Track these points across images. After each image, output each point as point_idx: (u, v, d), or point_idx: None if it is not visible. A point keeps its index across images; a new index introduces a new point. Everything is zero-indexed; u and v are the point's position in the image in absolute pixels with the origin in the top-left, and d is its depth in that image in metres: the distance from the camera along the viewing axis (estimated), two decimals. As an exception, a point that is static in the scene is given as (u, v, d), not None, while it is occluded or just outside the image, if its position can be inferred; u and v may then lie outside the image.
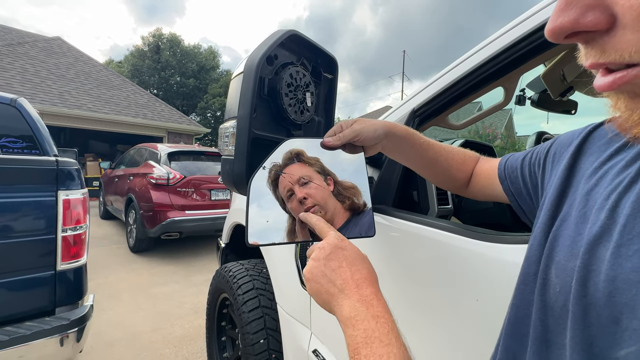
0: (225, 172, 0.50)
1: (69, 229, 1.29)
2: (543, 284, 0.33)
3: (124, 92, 10.04)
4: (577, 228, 0.31)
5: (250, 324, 1.34)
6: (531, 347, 0.32)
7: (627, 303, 0.25)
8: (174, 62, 32.75)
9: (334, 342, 0.96)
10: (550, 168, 0.41)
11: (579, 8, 0.21)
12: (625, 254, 0.26)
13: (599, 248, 0.28)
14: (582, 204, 0.32)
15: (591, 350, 0.26)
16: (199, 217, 4.08)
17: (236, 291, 1.46)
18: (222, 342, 1.82)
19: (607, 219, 0.29)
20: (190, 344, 2.26)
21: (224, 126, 0.50)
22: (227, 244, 2.05)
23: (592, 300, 0.27)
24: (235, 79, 0.50)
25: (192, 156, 4.51)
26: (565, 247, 0.31)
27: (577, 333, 0.27)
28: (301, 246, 1.12)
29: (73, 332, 1.24)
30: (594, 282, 0.27)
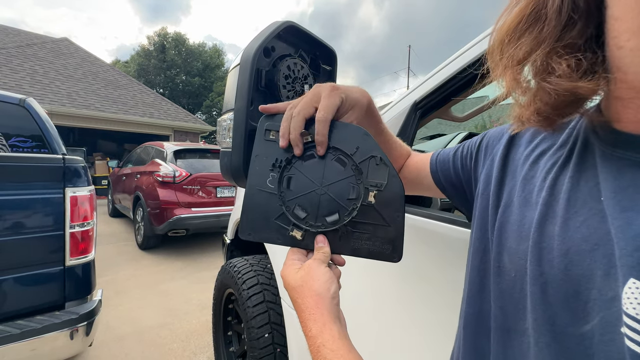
0: (224, 165, 0.50)
1: (77, 225, 1.31)
2: (497, 273, 0.33)
3: (131, 92, 10.15)
4: (521, 212, 0.32)
5: (255, 319, 1.35)
6: (494, 337, 0.32)
7: (583, 274, 0.25)
8: (179, 61, 32.98)
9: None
10: (483, 159, 0.42)
11: None
12: (574, 226, 0.26)
13: (546, 226, 0.28)
14: (522, 189, 0.33)
15: (554, 329, 0.26)
16: (205, 215, 4.11)
17: (241, 286, 1.47)
18: (228, 336, 1.85)
19: (548, 196, 0.30)
20: (197, 339, 2.29)
21: (222, 119, 0.51)
22: (232, 240, 2.07)
23: (548, 278, 0.27)
24: (232, 71, 0.50)
25: (198, 154, 4.54)
26: (513, 232, 0.32)
27: (539, 314, 0.27)
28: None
29: (82, 326, 1.27)
30: (548, 259, 0.27)
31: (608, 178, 0.26)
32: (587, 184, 0.27)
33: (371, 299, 0.85)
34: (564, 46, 0.26)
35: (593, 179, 0.27)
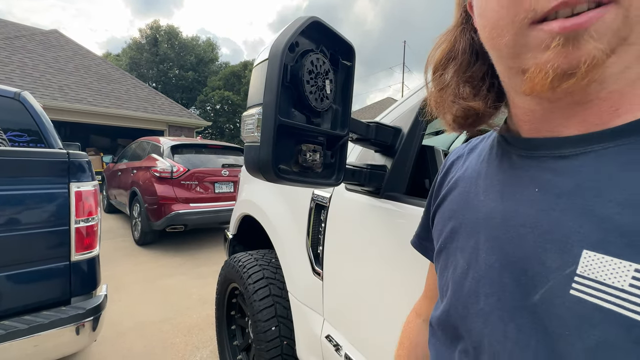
0: (251, 159, 0.50)
1: (82, 220, 1.30)
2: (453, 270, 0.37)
3: (124, 86, 9.98)
4: (464, 214, 0.37)
5: (262, 312, 1.36)
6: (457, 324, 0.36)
7: (528, 254, 0.29)
8: (172, 54, 32.46)
9: (346, 328, 0.99)
10: (435, 195, 0.46)
11: None
12: (514, 217, 0.31)
13: (489, 221, 0.33)
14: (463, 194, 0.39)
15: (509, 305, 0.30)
16: (203, 210, 4.10)
17: (246, 280, 1.48)
18: (231, 330, 1.86)
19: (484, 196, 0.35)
20: (199, 333, 2.30)
21: (248, 113, 0.51)
22: (235, 235, 2.07)
23: (498, 264, 0.31)
24: (258, 66, 0.50)
25: (195, 149, 4.51)
26: (466, 232, 0.36)
27: (494, 295, 0.31)
28: (312, 236, 1.14)
29: (89, 321, 1.27)
30: (497, 247, 0.32)
31: (539, 174, 0.31)
32: (516, 180, 0.33)
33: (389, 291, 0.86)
34: (469, 77, 0.37)
35: (519, 176, 0.32)
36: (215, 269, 3.61)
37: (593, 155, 0.28)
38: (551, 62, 0.25)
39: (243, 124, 0.54)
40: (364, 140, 0.78)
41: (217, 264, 3.79)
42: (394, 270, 0.82)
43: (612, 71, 0.25)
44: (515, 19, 0.26)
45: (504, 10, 0.27)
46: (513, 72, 0.30)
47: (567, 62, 0.25)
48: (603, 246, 0.25)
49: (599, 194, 0.26)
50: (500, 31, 0.28)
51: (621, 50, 0.24)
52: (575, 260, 0.26)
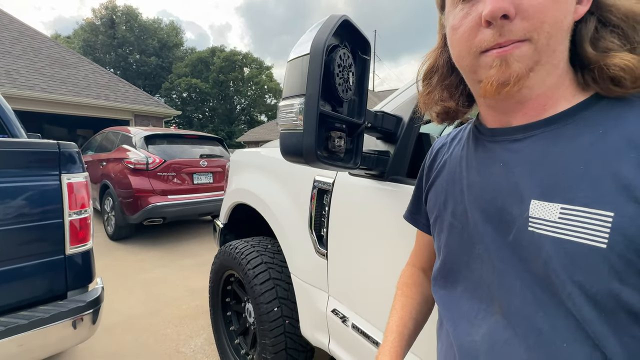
0: (292, 145, 0.55)
1: (75, 213, 1.27)
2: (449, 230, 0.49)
3: (82, 72, 9.21)
4: (453, 188, 0.49)
5: (264, 295, 1.42)
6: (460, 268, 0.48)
7: (502, 207, 0.41)
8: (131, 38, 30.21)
9: (352, 301, 1.08)
10: (427, 176, 0.58)
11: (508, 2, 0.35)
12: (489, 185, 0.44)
13: (471, 189, 0.46)
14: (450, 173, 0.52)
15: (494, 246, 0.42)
16: (182, 202, 4.01)
17: (245, 266, 1.52)
18: (227, 317, 1.90)
19: (466, 171, 0.48)
20: (190, 323, 2.31)
21: (289, 103, 0.56)
22: (226, 224, 2.08)
23: (484, 218, 0.43)
24: (297, 60, 0.55)
25: (171, 139, 4.35)
26: (455, 201, 0.48)
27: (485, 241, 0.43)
28: (315, 219, 1.20)
29: (89, 314, 1.26)
30: (481, 208, 0.44)
31: (502, 153, 0.43)
32: (487, 159, 0.45)
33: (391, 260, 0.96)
34: (447, 85, 0.50)
35: (489, 156, 0.45)
36: (199, 260, 3.59)
37: (534, 138, 0.40)
38: (494, 76, 0.37)
39: (280, 112, 0.59)
40: (373, 128, 0.85)
41: (199, 255, 3.76)
42: (397, 243, 0.91)
43: (535, 81, 0.38)
44: (470, 51, 0.39)
45: (463, 45, 0.40)
46: (474, 82, 0.43)
47: (503, 76, 0.37)
48: (542, 196, 0.37)
49: (538, 163, 0.39)
50: (463, 57, 0.41)
51: (537, 68, 0.37)
52: (527, 208, 0.38)
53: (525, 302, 0.37)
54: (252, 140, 17.98)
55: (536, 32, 0.35)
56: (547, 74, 0.38)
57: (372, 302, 1.00)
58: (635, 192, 0.31)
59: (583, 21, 0.37)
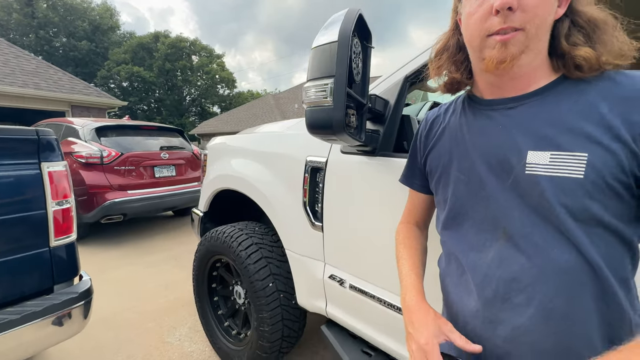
0: (321, 119, 0.65)
1: (57, 203, 1.21)
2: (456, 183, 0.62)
3: (2, 56, 7.96)
4: (458, 148, 0.63)
5: (259, 272, 1.50)
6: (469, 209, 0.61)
7: (504, 157, 0.55)
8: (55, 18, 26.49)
9: (348, 265, 1.21)
10: (423, 143, 0.71)
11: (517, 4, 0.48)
12: (491, 142, 0.58)
13: (476, 147, 0.59)
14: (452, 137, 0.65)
15: (498, 187, 0.56)
16: (144, 197, 3.80)
17: (237, 248, 1.58)
18: (214, 302, 1.93)
19: (468, 133, 0.61)
20: (171, 315, 2.29)
21: (318, 83, 0.65)
22: (206, 213, 2.08)
23: (487, 168, 0.57)
24: (325, 46, 0.64)
25: (126, 131, 4.06)
26: (458, 157, 0.62)
27: (490, 183, 0.57)
28: (310, 193, 1.31)
29: (80, 306, 1.23)
30: (485, 161, 0.58)
31: (497, 117, 0.57)
32: (488, 123, 0.58)
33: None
34: (455, 61, 0.62)
35: (489, 121, 0.58)
36: (168, 255, 3.47)
37: (525, 106, 0.54)
38: (495, 55, 0.51)
39: (309, 91, 0.68)
40: (369, 109, 0.97)
41: (167, 250, 3.63)
42: (388, 209, 1.06)
43: (525, 61, 0.51)
44: (480, 33, 0.52)
45: (476, 29, 0.53)
46: (478, 59, 0.56)
47: (502, 56, 0.50)
48: (536, 147, 0.51)
49: (530, 124, 0.53)
50: (475, 37, 0.54)
51: (527, 52, 0.50)
52: (525, 156, 0.52)
53: (523, 225, 0.52)
54: (207, 132, 17.19)
55: (529, 23, 0.48)
56: (534, 56, 0.51)
57: (367, 263, 1.15)
58: (598, 139, 0.47)
59: (560, 21, 0.52)
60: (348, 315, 1.24)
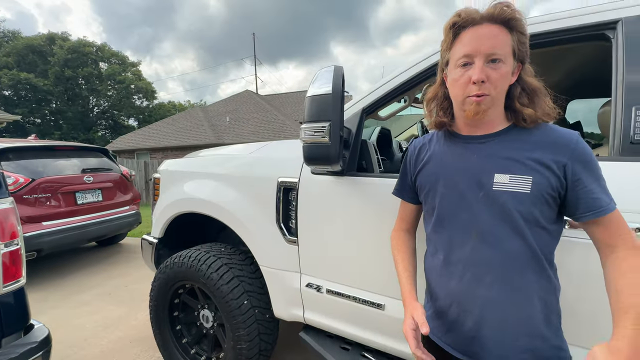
0: (319, 153, 0.81)
1: (5, 245, 1.07)
2: (441, 197, 0.83)
3: None
4: (444, 170, 0.83)
5: (232, 292, 1.54)
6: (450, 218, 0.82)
7: (474, 178, 0.77)
8: None
9: (323, 273, 1.37)
10: (413, 166, 0.91)
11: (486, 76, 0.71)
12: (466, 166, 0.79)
13: (457, 169, 0.81)
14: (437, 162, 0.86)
15: (473, 199, 0.77)
16: (63, 228, 3.31)
17: (206, 271, 1.59)
18: (177, 331, 1.86)
19: (449, 158, 0.84)
20: (119, 356, 2.09)
21: (316, 125, 0.80)
22: (160, 239, 2.00)
23: (467, 186, 0.79)
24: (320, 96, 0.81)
25: (35, 153, 3.49)
26: (445, 175, 0.83)
27: (466, 196, 0.78)
28: (283, 211, 1.43)
29: (39, 357, 1.11)
30: (463, 180, 0.80)
31: (471, 149, 0.79)
32: (464, 152, 0.79)
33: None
34: (442, 107, 0.84)
35: (466, 151, 0.79)
36: (99, 292, 3.09)
37: (491, 142, 0.75)
38: (472, 109, 0.73)
39: (307, 131, 0.84)
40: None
41: (98, 286, 3.23)
42: (357, 220, 1.26)
43: (491, 113, 0.74)
44: (462, 94, 0.74)
45: (459, 91, 0.74)
46: (460, 110, 0.77)
47: (477, 110, 0.73)
48: (499, 171, 0.72)
49: (495, 155, 0.74)
50: (458, 96, 0.75)
51: (492, 107, 0.73)
52: (492, 177, 0.72)
53: (490, 226, 0.73)
54: (125, 148, 15.34)
55: (494, 90, 0.71)
56: (496, 110, 0.74)
57: (341, 268, 1.33)
58: (537, 168, 0.69)
59: (513, 86, 0.74)
60: (326, 318, 1.39)
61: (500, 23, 0.71)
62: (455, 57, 0.75)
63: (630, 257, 0.65)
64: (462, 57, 0.72)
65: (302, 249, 1.40)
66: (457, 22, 0.73)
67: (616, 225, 0.68)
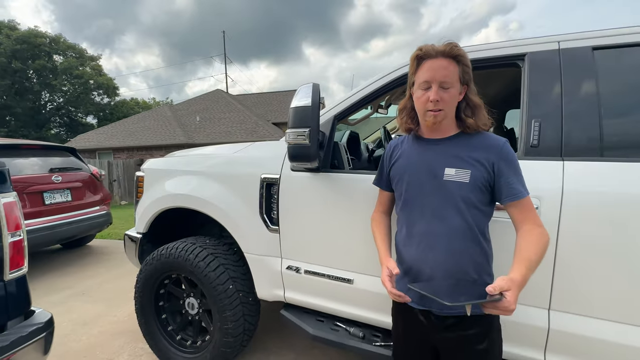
0: (302, 153, 1.03)
1: (11, 235, 1.17)
2: (407, 186, 1.09)
3: None
4: (409, 164, 1.10)
5: (219, 278, 1.71)
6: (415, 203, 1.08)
7: (430, 170, 1.04)
8: None
9: (302, 256, 1.58)
10: (388, 161, 1.19)
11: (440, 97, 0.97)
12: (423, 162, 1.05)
13: (418, 164, 1.08)
14: (407, 157, 1.13)
15: (428, 187, 1.04)
16: (32, 229, 3.23)
17: (194, 260, 1.75)
18: (162, 320, 1.98)
19: (414, 156, 1.11)
20: (102, 349, 2.16)
21: (299, 130, 1.02)
22: (145, 234, 2.10)
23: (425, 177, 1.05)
24: (301, 107, 1.03)
25: None
26: (412, 170, 1.09)
27: (423, 186, 1.05)
28: (266, 204, 1.63)
29: (42, 339, 1.21)
30: (423, 171, 1.06)
31: (430, 148, 1.05)
32: (425, 151, 1.07)
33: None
34: (410, 116, 1.09)
35: (427, 150, 1.05)
36: (71, 293, 3.07)
37: (444, 145, 1.00)
38: (430, 120, 0.98)
39: (291, 135, 1.05)
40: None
41: (68, 287, 3.20)
42: (330, 210, 1.49)
43: (443, 124, 1.00)
44: (423, 109, 0.99)
45: (421, 106, 1.00)
46: (422, 120, 1.02)
47: (434, 121, 0.98)
48: (449, 166, 0.97)
49: (446, 153, 0.99)
50: (420, 110, 1.01)
51: (445, 119, 0.99)
52: (443, 170, 0.97)
53: (439, 206, 0.95)
54: (86, 147, 14.43)
55: (446, 107, 0.94)
56: (448, 120, 0.98)
57: (318, 251, 1.55)
58: (474, 164, 0.93)
59: (461, 102, 0.98)
60: (304, 295, 1.61)
61: (450, 57, 0.95)
62: (418, 81, 0.98)
63: (532, 230, 0.91)
64: (423, 82, 0.96)
65: (283, 236, 1.61)
66: (420, 54, 0.98)
67: (527, 208, 0.93)
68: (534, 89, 1.25)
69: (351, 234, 1.45)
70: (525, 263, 0.85)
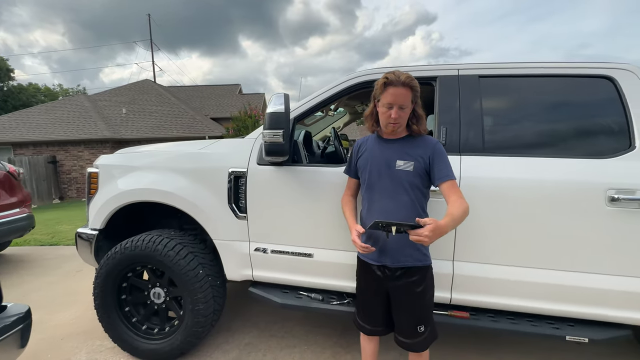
0: (276, 149, 1.30)
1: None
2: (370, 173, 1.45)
3: None
4: (372, 157, 1.47)
5: (189, 264, 1.86)
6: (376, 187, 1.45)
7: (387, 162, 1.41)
8: None
9: (268, 238, 1.83)
10: (356, 154, 1.55)
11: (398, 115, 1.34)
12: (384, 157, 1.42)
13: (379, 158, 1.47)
14: (370, 152, 1.51)
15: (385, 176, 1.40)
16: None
17: (163, 250, 1.87)
18: (126, 312, 2.02)
19: (377, 152, 1.50)
20: (56, 351, 2.08)
21: (274, 131, 1.28)
22: (102, 230, 2.09)
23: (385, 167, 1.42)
24: (275, 113, 1.28)
25: None
26: (373, 162, 1.46)
27: (381, 174, 1.42)
28: (234, 194, 1.83)
29: (18, 330, 1.25)
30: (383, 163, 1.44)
31: (388, 147, 1.41)
32: (383, 148, 1.43)
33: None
34: (375, 121, 1.45)
35: (385, 147, 1.40)
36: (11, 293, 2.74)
37: (397, 143, 1.37)
38: (390, 128, 1.35)
39: (267, 135, 1.31)
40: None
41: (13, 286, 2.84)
42: (292, 197, 1.78)
43: (398, 131, 1.36)
44: (385, 120, 1.34)
45: (384, 118, 1.34)
46: (384, 127, 1.36)
47: (392, 129, 1.35)
48: (400, 159, 1.33)
49: (398, 150, 1.35)
50: (383, 121, 1.36)
51: (400, 128, 1.35)
52: (395, 161, 1.34)
53: (392, 189, 1.31)
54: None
55: (401, 120, 1.29)
56: (402, 128, 1.34)
57: (281, 233, 1.82)
58: (417, 159, 1.31)
59: (410, 114, 1.32)
60: (271, 272, 1.86)
61: (408, 87, 1.27)
62: (383, 101, 1.30)
63: (457, 200, 1.27)
64: (387, 103, 1.29)
65: (251, 222, 1.84)
66: (386, 81, 1.28)
67: (453, 186, 1.29)
68: (442, 103, 1.71)
69: (311, 216, 1.76)
70: (449, 217, 1.22)
